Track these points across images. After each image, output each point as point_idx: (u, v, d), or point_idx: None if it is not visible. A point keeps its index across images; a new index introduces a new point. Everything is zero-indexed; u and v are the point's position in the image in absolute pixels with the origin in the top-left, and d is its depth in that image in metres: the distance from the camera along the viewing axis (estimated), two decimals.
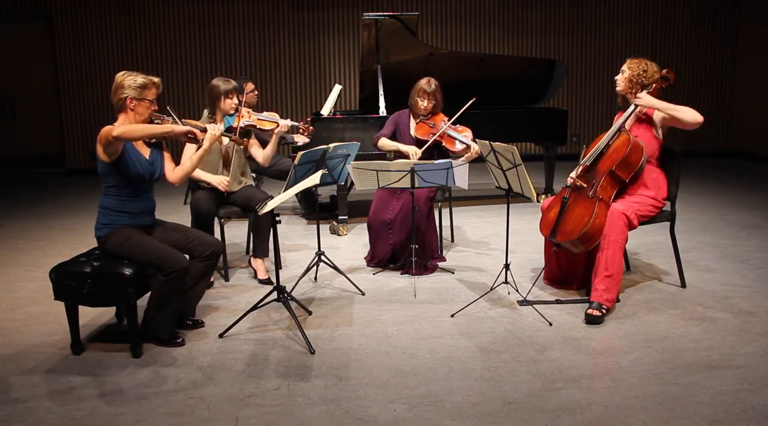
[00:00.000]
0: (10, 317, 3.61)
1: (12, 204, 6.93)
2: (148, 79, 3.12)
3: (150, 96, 3.13)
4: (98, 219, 3.16)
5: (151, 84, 3.12)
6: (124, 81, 3.08)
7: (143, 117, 3.13)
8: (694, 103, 3.77)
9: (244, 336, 3.26)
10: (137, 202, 3.16)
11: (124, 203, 3.13)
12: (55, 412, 2.56)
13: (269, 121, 4.09)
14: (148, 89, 3.11)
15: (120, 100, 3.07)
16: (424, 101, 4.40)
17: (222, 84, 4.00)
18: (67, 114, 9.14)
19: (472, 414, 2.49)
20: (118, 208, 3.12)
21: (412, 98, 4.47)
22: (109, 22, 8.98)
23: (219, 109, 4.03)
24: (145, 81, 3.10)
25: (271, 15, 9.17)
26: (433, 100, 4.41)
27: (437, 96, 4.42)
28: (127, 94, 3.06)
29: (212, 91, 4.02)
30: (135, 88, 3.07)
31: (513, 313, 3.50)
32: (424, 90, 4.40)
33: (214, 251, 3.30)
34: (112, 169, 3.06)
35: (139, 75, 3.11)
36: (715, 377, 2.75)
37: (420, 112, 4.45)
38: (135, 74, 3.11)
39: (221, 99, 4.00)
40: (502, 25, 9.43)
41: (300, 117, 9.38)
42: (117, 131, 2.91)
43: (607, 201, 3.51)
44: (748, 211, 5.96)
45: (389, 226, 4.25)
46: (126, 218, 3.14)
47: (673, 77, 3.67)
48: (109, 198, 3.12)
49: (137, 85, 3.07)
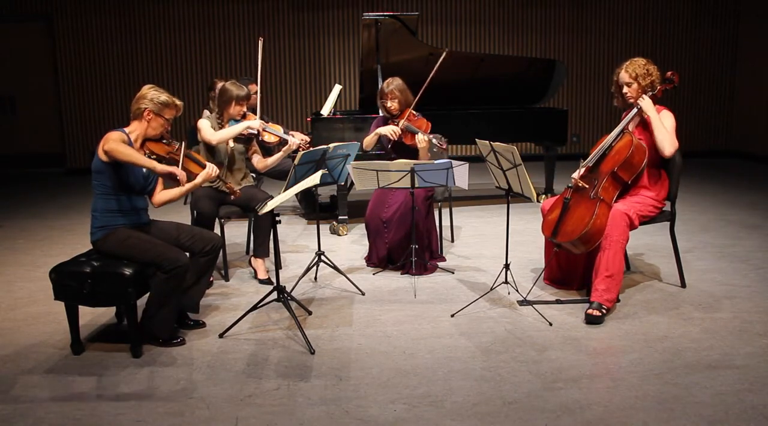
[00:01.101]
0: (10, 317, 3.61)
1: (12, 204, 6.94)
2: (171, 99, 3.21)
3: (168, 115, 3.20)
4: (92, 224, 3.15)
5: (172, 104, 3.21)
6: (148, 93, 3.16)
7: (155, 132, 3.20)
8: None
9: (244, 336, 3.26)
10: (128, 201, 3.17)
11: (116, 202, 3.13)
12: (55, 412, 2.56)
13: (273, 133, 4.18)
14: (168, 108, 3.18)
15: (139, 109, 3.15)
16: (387, 102, 4.40)
17: (235, 89, 4.04)
18: (67, 114, 9.15)
19: (472, 414, 2.49)
20: (110, 207, 3.12)
21: (378, 102, 4.50)
22: (109, 22, 8.98)
23: (227, 112, 4.06)
24: (168, 100, 3.18)
25: (271, 15, 9.17)
26: (396, 98, 4.38)
27: (398, 94, 4.37)
28: (147, 106, 3.14)
29: (224, 94, 4.05)
30: (157, 103, 3.15)
31: (513, 313, 3.50)
32: (383, 90, 4.42)
33: (214, 246, 3.31)
34: (108, 169, 3.07)
35: (165, 93, 3.19)
36: (715, 377, 2.75)
37: (392, 113, 4.45)
38: (161, 91, 3.19)
39: (232, 104, 4.04)
40: (502, 25, 9.43)
41: (300, 117, 9.40)
42: (108, 146, 2.98)
43: (608, 202, 3.51)
44: (748, 211, 5.96)
45: (385, 225, 4.25)
46: (120, 217, 3.14)
47: (677, 79, 3.68)
48: (101, 199, 3.12)
49: (160, 101, 3.16)
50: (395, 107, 4.40)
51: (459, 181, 3.81)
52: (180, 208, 6.32)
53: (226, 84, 4.10)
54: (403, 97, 4.40)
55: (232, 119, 4.08)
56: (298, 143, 4.09)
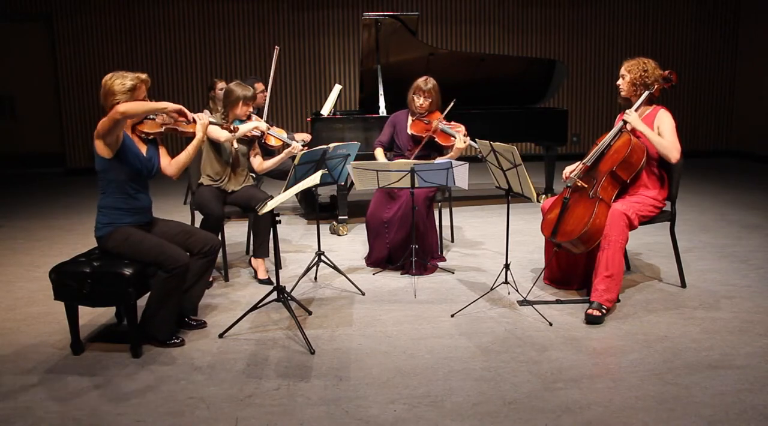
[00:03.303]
0: (10, 317, 3.61)
1: (12, 204, 6.93)
2: (137, 78, 3.08)
3: (141, 95, 3.10)
4: (98, 219, 3.15)
5: (140, 83, 3.09)
6: (113, 86, 3.03)
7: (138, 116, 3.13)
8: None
9: (244, 336, 3.26)
10: (136, 200, 3.17)
11: (124, 201, 3.13)
12: (55, 412, 2.56)
13: (277, 137, 4.19)
14: (138, 90, 3.08)
15: (112, 105, 3.01)
16: (421, 99, 4.42)
17: (241, 90, 4.04)
18: (67, 114, 9.15)
19: (472, 414, 2.49)
20: (118, 206, 3.12)
21: (410, 96, 4.49)
22: (109, 22, 8.99)
23: (232, 112, 4.07)
24: (134, 82, 3.06)
25: (271, 15, 9.17)
26: (430, 98, 4.42)
27: (434, 95, 4.43)
28: (119, 99, 3.02)
29: (230, 95, 4.05)
30: (125, 92, 3.04)
31: (513, 313, 3.50)
32: (421, 88, 4.43)
33: (212, 247, 3.31)
34: (113, 164, 3.06)
35: (127, 76, 3.06)
36: (715, 377, 2.75)
37: (417, 110, 4.47)
38: (122, 76, 3.06)
39: (239, 104, 4.04)
40: (502, 25, 9.43)
41: (300, 117, 9.40)
42: (123, 107, 2.89)
43: (607, 201, 3.51)
44: (748, 211, 5.96)
45: (386, 225, 4.25)
46: (127, 216, 3.14)
47: (675, 78, 3.67)
48: (108, 197, 3.12)
49: (127, 88, 3.04)
50: (426, 106, 4.43)
51: (459, 181, 3.81)
52: (180, 208, 6.33)
53: (231, 85, 4.10)
54: (436, 99, 4.45)
55: (237, 120, 4.08)
56: (300, 148, 4.09)
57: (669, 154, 3.54)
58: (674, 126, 3.62)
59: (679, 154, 3.56)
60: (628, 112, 3.62)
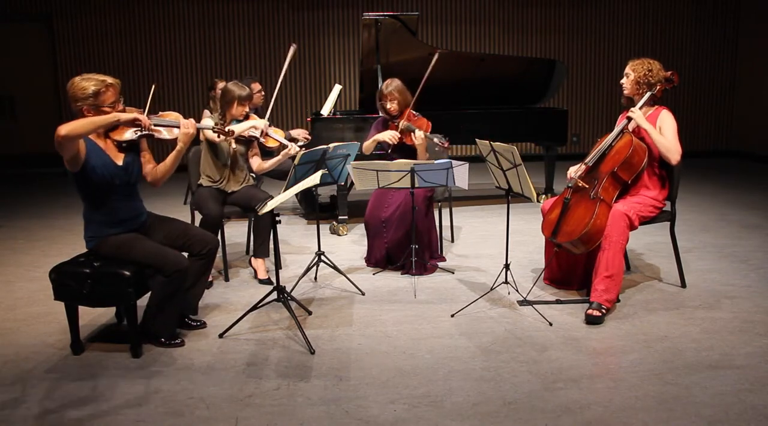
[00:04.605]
0: (10, 317, 3.61)
1: (12, 204, 6.94)
2: (101, 82, 2.90)
3: (108, 100, 2.91)
4: (85, 231, 3.10)
5: (104, 88, 2.90)
6: (75, 93, 2.88)
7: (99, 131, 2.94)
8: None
9: (244, 336, 3.26)
10: (117, 210, 3.05)
11: (103, 212, 3.03)
12: (55, 412, 2.56)
13: (275, 138, 4.17)
14: (102, 95, 2.89)
15: (79, 110, 2.90)
16: (386, 103, 4.41)
17: (237, 90, 4.03)
18: (67, 114, 9.13)
19: (472, 414, 2.49)
20: (96, 218, 3.04)
21: (378, 104, 4.50)
22: (109, 22, 8.99)
23: (229, 112, 4.07)
24: (98, 87, 2.88)
25: (271, 15, 9.17)
26: (395, 99, 4.38)
27: (398, 95, 4.38)
28: (81, 105, 2.88)
29: (227, 94, 4.05)
30: (87, 97, 2.87)
31: (513, 313, 3.50)
32: (382, 92, 4.42)
33: (210, 248, 3.29)
34: (79, 177, 2.93)
35: (92, 80, 2.89)
36: (715, 377, 2.75)
37: (391, 114, 4.45)
38: (87, 80, 2.89)
39: (234, 104, 4.03)
40: (502, 25, 9.43)
41: (300, 117, 9.40)
42: (64, 130, 2.68)
43: (608, 202, 3.51)
44: (748, 211, 5.96)
45: (384, 225, 4.25)
46: (109, 227, 3.05)
47: (677, 79, 3.68)
48: (88, 209, 3.04)
49: (89, 94, 2.87)
50: (395, 108, 4.40)
51: (459, 181, 3.80)
52: (180, 208, 6.32)
53: (228, 84, 4.09)
54: (402, 98, 4.40)
55: (234, 119, 4.08)
56: (297, 149, 4.09)
57: (669, 155, 3.54)
58: (676, 128, 3.62)
59: (680, 156, 3.56)
60: (633, 109, 3.62)
